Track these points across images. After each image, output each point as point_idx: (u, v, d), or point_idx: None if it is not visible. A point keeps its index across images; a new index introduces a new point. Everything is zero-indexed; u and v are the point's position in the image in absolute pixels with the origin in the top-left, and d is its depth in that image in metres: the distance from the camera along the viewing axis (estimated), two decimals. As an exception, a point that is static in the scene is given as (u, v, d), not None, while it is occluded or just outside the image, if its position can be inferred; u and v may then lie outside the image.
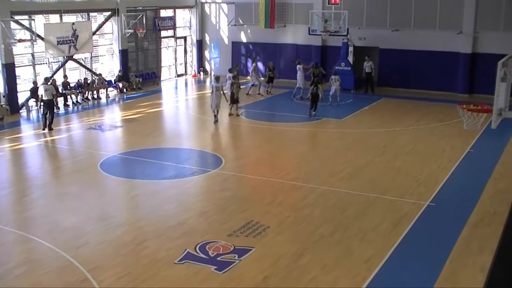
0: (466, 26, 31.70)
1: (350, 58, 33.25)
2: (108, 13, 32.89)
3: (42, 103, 24.37)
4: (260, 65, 37.98)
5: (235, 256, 12.40)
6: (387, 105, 29.32)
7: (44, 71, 29.85)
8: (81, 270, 11.81)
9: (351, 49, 33.27)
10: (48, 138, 22.90)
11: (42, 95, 24.07)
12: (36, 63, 29.24)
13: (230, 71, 29.05)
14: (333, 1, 33.30)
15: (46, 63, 29.99)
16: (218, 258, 12.30)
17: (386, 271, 11.88)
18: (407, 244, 13.22)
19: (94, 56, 32.97)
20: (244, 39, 38.46)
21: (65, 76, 30.17)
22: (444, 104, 28.99)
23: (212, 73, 39.67)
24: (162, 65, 37.89)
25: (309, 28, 33.89)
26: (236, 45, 38.76)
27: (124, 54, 33.80)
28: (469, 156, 20.31)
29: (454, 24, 31.89)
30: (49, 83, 24.91)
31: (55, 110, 25.52)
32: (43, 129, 23.78)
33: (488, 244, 13.05)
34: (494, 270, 11.91)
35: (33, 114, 27.68)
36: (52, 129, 23.74)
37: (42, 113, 24.29)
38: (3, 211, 15.66)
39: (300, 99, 29.72)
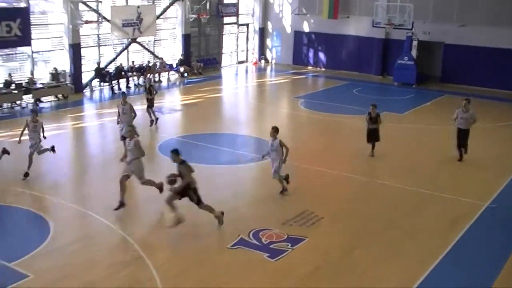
0: (536, 24, 30.66)
1: (414, 53, 32.56)
2: (173, -2, 33.26)
3: None
4: (321, 55, 37.81)
5: (288, 245, 12.40)
6: (449, 102, 28.61)
7: (108, 53, 30.48)
8: (136, 248, 12.04)
9: (415, 43, 32.59)
10: (110, 118, 23.35)
11: None
12: (101, 44, 29.85)
13: None
14: (399, -6, 32.75)
15: (111, 45, 30.58)
16: (271, 246, 12.33)
17: (440, 271, 11.66)
18: (464, 245, 12.93)
19: (157, 40, 33.40)
20: (306, 29, 38.23)
21: (132, 62, 30.86)
22: (510, 104, 28.19)
23: (273, 62, 39.66)
24: (224, 51, 38.10)
25: (373, 20, 33.41)
26: (298, 35, 38.58)
27: (186, 38, 34.13)
28: (533, 158, 19.71)
29: (524, 21, 30.87)
30: None
31: (115, 91, 27.68)
32: None
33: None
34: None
35: (96, 94, 28.29)
36: None
37: None
38: (64, 187, 16.11)
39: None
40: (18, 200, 14.63)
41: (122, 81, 29.68)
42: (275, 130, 15.14)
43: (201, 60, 35.47)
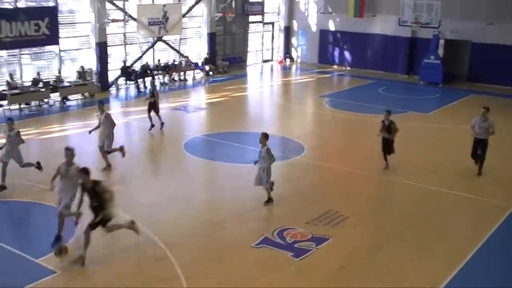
0: None
1: (440, 52, 32.20)
2: (198, -3, 33.35)
3: None
4: (347, 54, 37.64)
5: (313, 244, 12.37)
6: (476, 102, 28.23)
7: (134, 51, 30.68)
8: (160, 246, 12.10)
9: (442, 42, 32.21)
10: (135, 117, 23.51)
11: None
12: (127, 43, 30.06)
13: None
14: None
15: (137, 43, 30.79)
16: (295, 245, 12.31)
17: (467, 272, 11.54)
18: (491, 246, 12.77)
19: (182, 38, 33.53)
20: (332, 28, 38.06)
21: (158, 60, 31.09)
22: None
23: (299, 60, 39.61)
24: (249, 50, 38.12)
25: (399, 19, 33.17)
26: (323, 33, 38.43)
27: (212, 37, 34.22)
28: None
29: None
30: None
31: (141, 90, 28.08)
32: None
33: None
34: None
35: (122, 92, 28.49)
36: None
37: None
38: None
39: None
40: (43, 196, 14.75)
41: (148, 80, 29.83)
42: (265, 136, 14.37)
43: (226, 58, 35.54)
